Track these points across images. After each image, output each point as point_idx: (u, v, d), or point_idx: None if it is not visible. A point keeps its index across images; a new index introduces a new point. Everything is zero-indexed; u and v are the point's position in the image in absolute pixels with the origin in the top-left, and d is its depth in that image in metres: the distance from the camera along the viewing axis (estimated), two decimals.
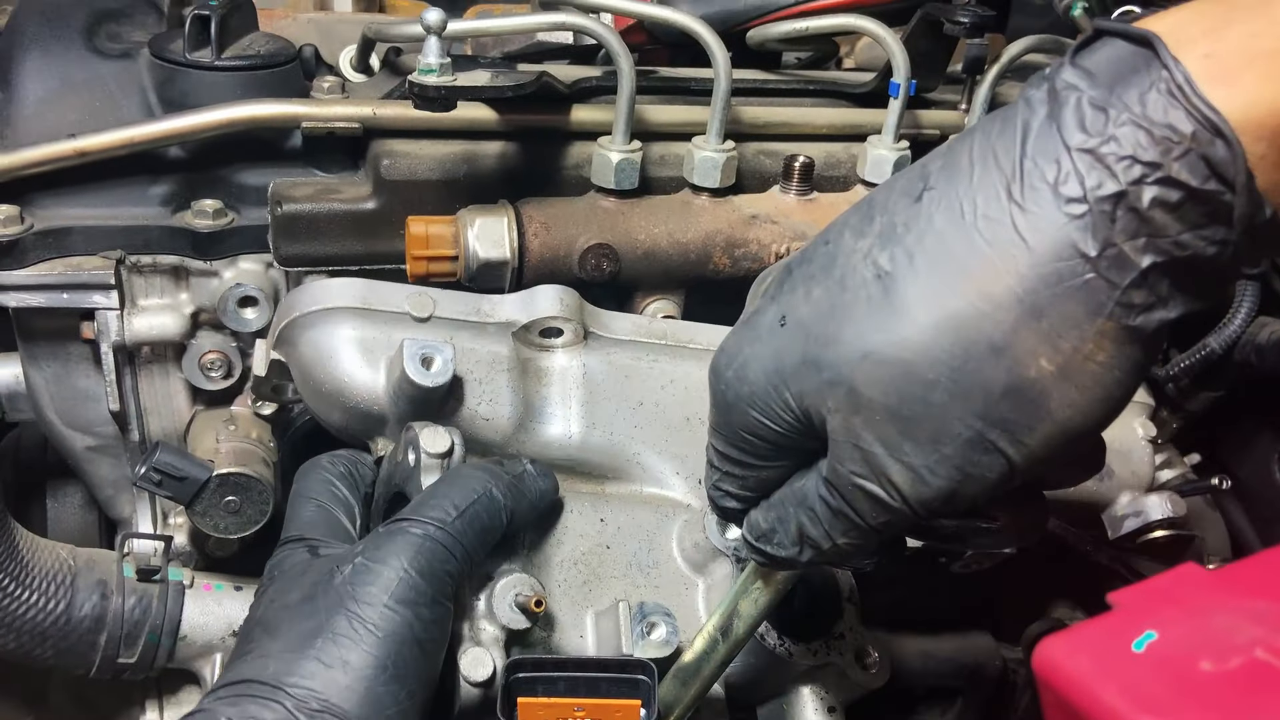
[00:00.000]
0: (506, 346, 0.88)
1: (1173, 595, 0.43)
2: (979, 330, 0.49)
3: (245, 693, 0.64)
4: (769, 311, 0.58)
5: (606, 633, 0.78)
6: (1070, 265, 0.48)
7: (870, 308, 0.52)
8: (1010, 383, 0.49)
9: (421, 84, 0.89)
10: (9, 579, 0.93)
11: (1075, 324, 0.48)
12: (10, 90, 0.96)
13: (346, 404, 0.85)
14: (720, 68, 0.96)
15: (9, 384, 1.04)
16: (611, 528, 0.85)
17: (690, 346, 0.93)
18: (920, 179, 0.53)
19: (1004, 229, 0.49)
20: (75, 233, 0.93)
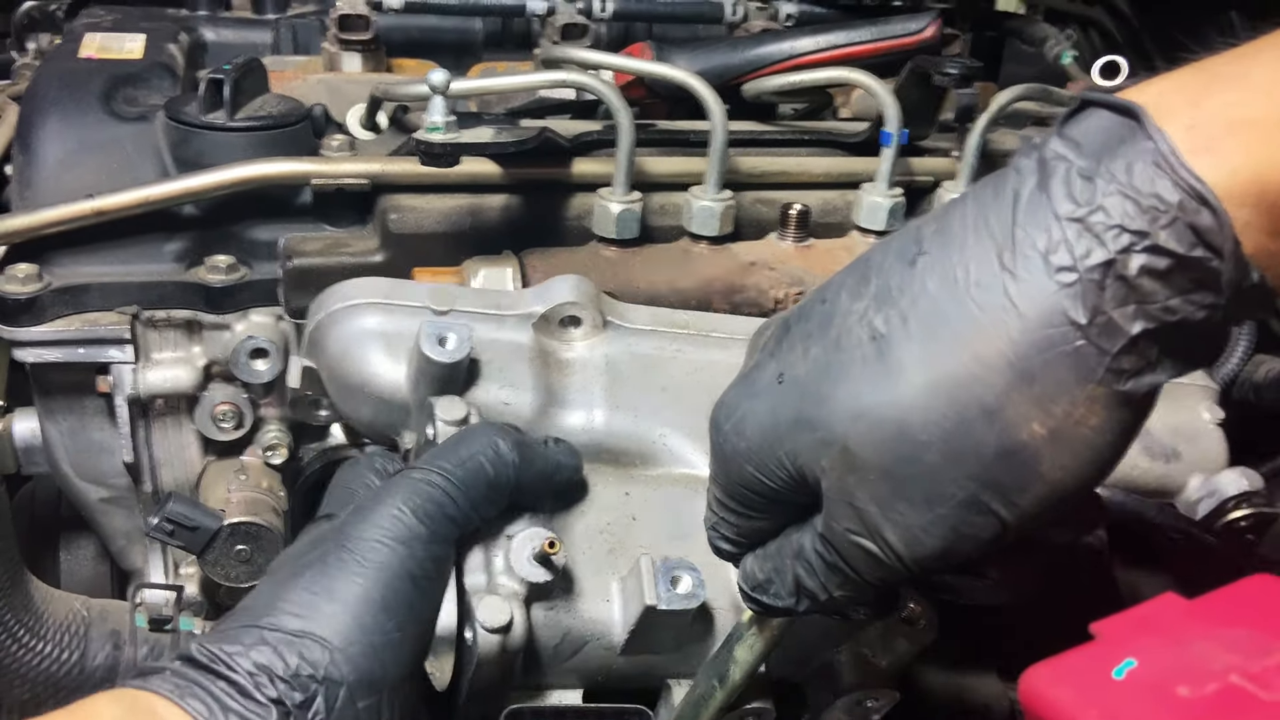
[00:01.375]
0: (527, 337, 0.89)
1: (1152, 624, 0.44)
2: (972, 393, 0.50)
3: (230, 625, 0.63)
4: (768, 368, 0.59)
5: (631, 592, 0.75)
6: (1061, 332, 0.49)
7: (865, 368, 0.53)
8: (1003, 445, 0.50)
9: (427, 141, 0.92)
10: (24, 630, 0.94)
11: (1066, 389, 0.49)
12: (30, 153, 0.99)
13: (372, 395, 0.87)
14: (717, 120, 0.99)
15: (25, 438, 1.06)
16: (638, 500, 0.83)
17: (714, 335, 0.93)
18: (915, 243, 0.54)
19: (996, 295, 0.50)
20: (92, 289, 0.96)
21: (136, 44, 1.15)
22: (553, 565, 0.72)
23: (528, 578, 0.72)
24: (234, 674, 0.59)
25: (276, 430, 1.04)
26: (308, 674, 0.60)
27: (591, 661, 0.76)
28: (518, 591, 0.72)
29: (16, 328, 0.94)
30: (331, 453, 1.10)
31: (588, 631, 0.75)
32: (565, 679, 0.77)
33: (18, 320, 0.94)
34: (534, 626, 0.74)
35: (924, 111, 1.09)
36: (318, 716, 0.59)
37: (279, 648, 0.60)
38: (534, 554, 0.72)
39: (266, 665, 0.59)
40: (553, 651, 0.75)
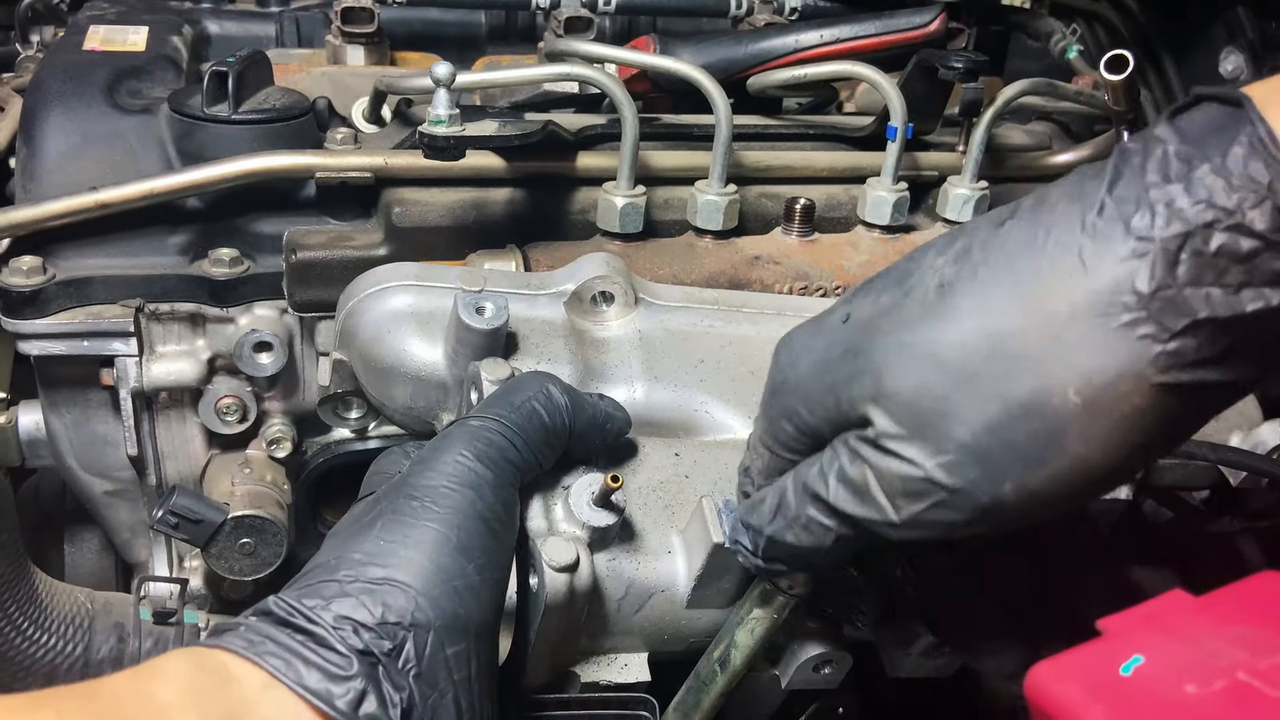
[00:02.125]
0: (559, 314, 0.89)
1: (1159, 621, 0.44)
2: (1014, 344, 0.50)
3: (306, 582, 0.60)
4: (837, 311, 0.61)
5: (694, 537, 0.74)
6: (1123, 300, 0.48)
7: (923, 309, 0.54)
8: (1031, 403, 0.49)
9: (431, 134, 0.92)
10: (28, 623, 0.94)
11: (1115, 362, 0.48)
12: (34, 145, 0.99)
13: (408, 375, 0.86)
14: (721, 114, 0.99)
15: (29, 431, 1.06)
16: (688, 461, 0.81)
17: (744, 310, 0.93)
18: (1011, 210, 0.55)
19: (1069, 255, 0.50)
20: (96, 282, 0.96)
21: (140, 36, 1.15)
22: (615, 506, 0.71)
23: (590, 521, 0.70)
24: (315, 626, 0.56)
25: (280, 424, 1.04)
26: (394, 621, 0.57)
27: (657, 617, 0.74)
28: (580, 536, 0.71)
29: (21, 320, 0.94)
30: (335, 446, 1.10)
31: (652, 583, 0.74)
32: (631, 640, 0.75)
33: (22, 313, 0.93)
34: (598, 578, 0.71)
35: (929, 106, 1.08)
36: (409, 665, 0.57)
37: (361, 597, 0.57)
38: (594, 497, 0.71)
39: (350, 616, 0.57)
40: (617, 606, 0.73)
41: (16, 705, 0.50)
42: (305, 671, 0.54)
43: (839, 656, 0.77)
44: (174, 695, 0.52)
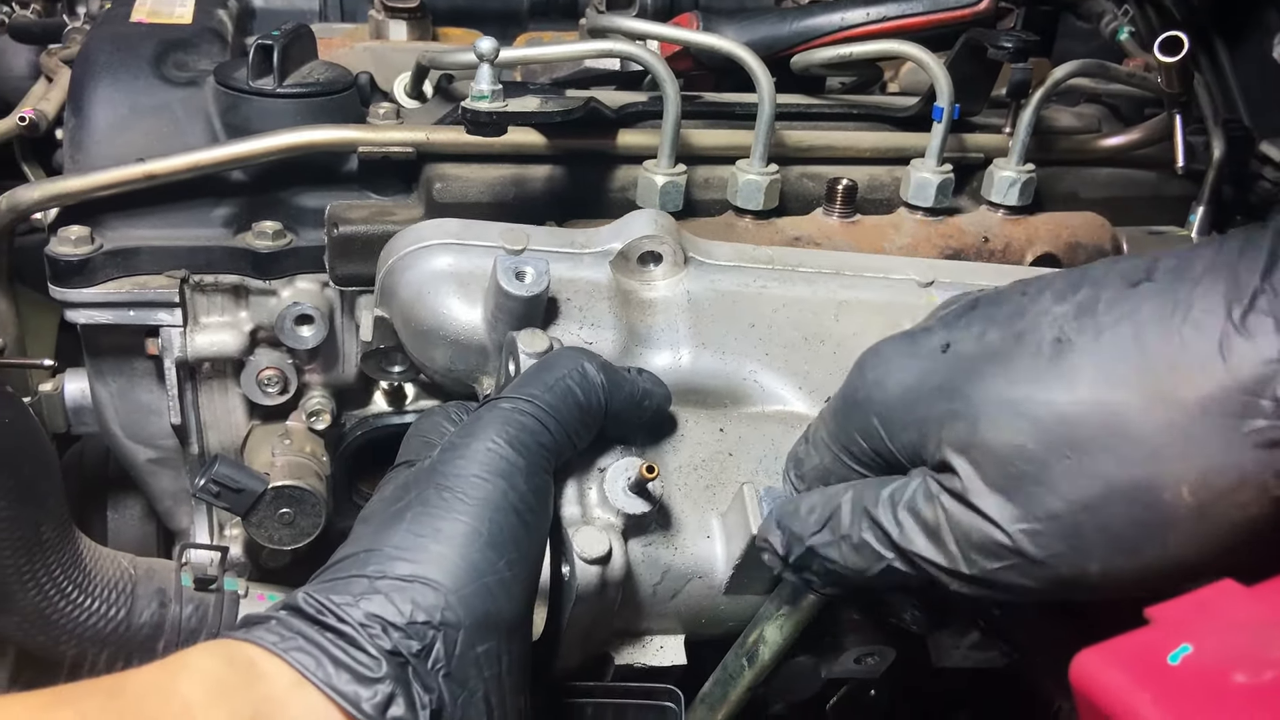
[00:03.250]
0: (605, 275, 0.86)
1: (1209, 610, 0.44)
2: (1134, 425, 0.47)
3: (335, 575, 0.59)
4: (936, 335, 0.58)
5: (734, 525, 0.72)
6: (1262, 404, 0.45)
7: (1034, 363, 0.51)
8: (1137, 491, 0.47)
9: (474, 110, 0.92)
10: (72, 586, 0.96)
11: (1239, 468, 0.45)
12: (82, 116, 1.00)
13: (448, 338, 0.84)
14: (764, 92, 0.98)
15: (75, 398, 1.08)
16: (732, 437, 0.78)
17: (800, 270, 0.90)
18: (1145, 270, 0.51)
19: (1208, 343, 0.46)
20: (142, 253, 0.97)
21: (186, 9, 1.16)
22: (650, 495, 0.69)
23: (624, 509, 0.68)
24: (344, 625, 0.55)
25: (320, 396, 1.06)
26: (423, 620, 0.56)
27: (694, 602, 0.73)
28: (614, 524, 0.69)
29: (68, 289, 0.95)
30: (374, 420, 1.11)
31: (689, 569, 0.72)
32: (667, 623, 0.74)
33: (70, 281, 0.95)
34: (632, 564, 0.70)
35: (977, 86, 1.07)
36: (438, 665, 0.56)
37: (390, 595, 0.56)
38: (629, 484, 0.69)
39: (379, 614, 0.56)
40: (653, 591, 0.72)
41: (37, 704, 0.49)
42: (334, 672, 0.54)
43: (882, 650, 0.75)
44: (200, 693, 0.52)
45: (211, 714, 0.51)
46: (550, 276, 0.79)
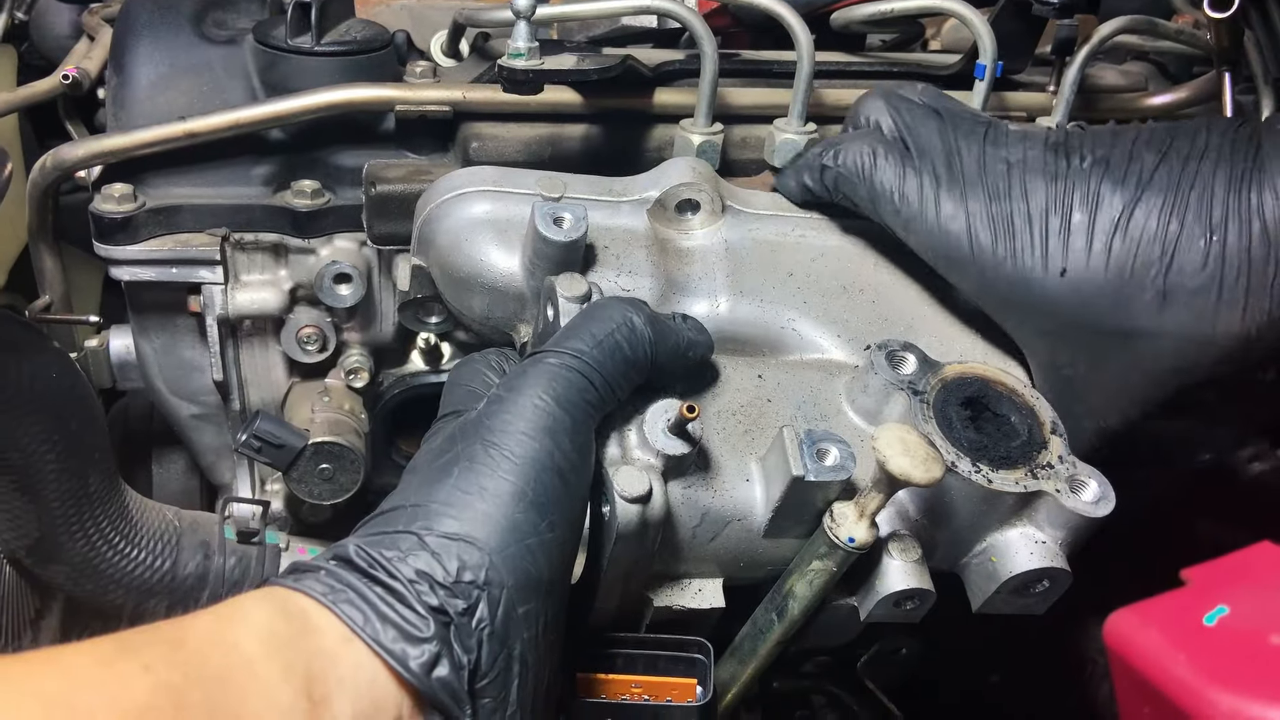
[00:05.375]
0: (642, 223, 0.86)
1: (1246, 572, 0.43)
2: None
3: (381, 528, 0.60)
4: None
5: (774, 467, 0.71)
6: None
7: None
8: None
9: (510, 68, 0.91)
10: (119, 537, 0.99)
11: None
12: (124, 74, 1.01)
13: (485, 285, 0.84)
14: (804, 50, 0.97)
15: (120, 354, 1.10)
16: (771, 383, 0.78)
17: (837, 219, 0.90)
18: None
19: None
20: (184, 210, 0.98)
21: None
22: (690, 436, 0.69)
23: (664, 450, 0.68)
24: (394, 581, 0.56)
25: (358, 354, 1.07)
26: (469, 580, 0.57)
27: (733, 544, 0.73)
28: (654, 465, 0.69)
29: (113, 246, 0.97)
30: (411, 379, 1.12)
31: (728, 512, 0.72)
32: (706, 567, 0.74)
33: (114, 239, 0.96)
34: (672, 505, 0.70)
35: (1021, 43, 1.05)
36: (482, 624, 0.57)
37: (438, 552, 0.58)
38: (669, 424, 0.69)
39: (427, 572, 0.57)
40: (692, 534, 0.72)
41: (103, 654, 0.50)
42: (382, 629, 0.55)
43: (922, 593, 0.75)
44: (257, 645, 0.53)
45: (269, 668, 0.52)
46: (588, 223, 0.79)
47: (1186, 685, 0.39)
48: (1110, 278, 0.71)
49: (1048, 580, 0.74)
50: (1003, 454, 0.73)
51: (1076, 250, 0.72)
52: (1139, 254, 0.71)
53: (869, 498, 0.69)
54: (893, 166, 0.80)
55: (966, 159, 0.78)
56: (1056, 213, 0.73)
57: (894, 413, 0.76)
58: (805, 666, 1.03)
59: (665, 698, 0.75)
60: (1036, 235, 0.73)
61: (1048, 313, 0.74)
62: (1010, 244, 0.74)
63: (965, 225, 0.76)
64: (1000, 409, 0.75)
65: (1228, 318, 0.69)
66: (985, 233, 0.75)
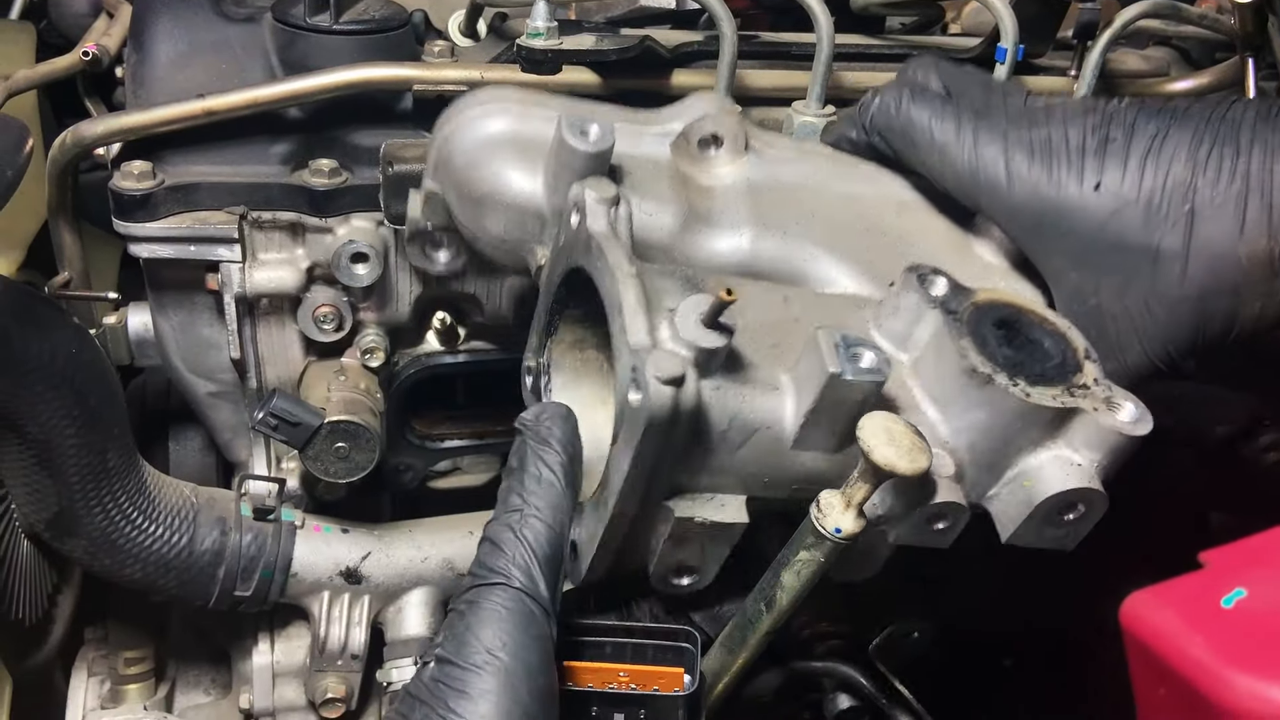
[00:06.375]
0: (665, 154, 0.84)
1: (1264, 555, 0.43)
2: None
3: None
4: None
5: (806, 372, 0.68)
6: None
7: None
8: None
9: (529, 47, 0.91)
10: (137, 513, 0.99)
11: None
12: (144, 51, 1.01)
13: (503, 203, 0.81)
14: (823, 32, 0.96)
15: (138, 331, 1.10)
16: (797, 306, 0.75)
17: (860, 168, 0.88)
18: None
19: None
20: (202, 188, 0.98)
21: None
22: (724, 327, 0.66)
23: (698, 342, 0.65)
24: None
25: (374, 334, 1.07)
26: None
27: (760, 455, 0.70)
28: (686, 357, 0.65)
29: (131, 223, 0.97)
30: (426, 359, 1.13)
31: (757, 418, 0.69)
32: (729, 480, 0.71)
33: (133, 215, 0.97)
34: (703, 402, 0.67)
35: (1042, 27, 1.04)
36: None
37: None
38: (704, 316, 0.65)
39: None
40: (720, 437, 0.69)
41: None
42: None
43: (955, 508, 0.70)
44: None
45: None
46: (614, 135, 0.76)
47: (1203, 667, 0.39)
48: (1143, 194, 0.73)
49: (1083, 505, 0.71)
50: (1039, 372, 0.71)
51: (1111, 168, 0.74)
52: (1170, 173, 0.73)
53: (855, 488, 0.68)
54: (931, 104, 0.82)
55: (1006, 101, 0.81)
56: (1092, 136, 0.76)
57: (924, 334, 0.73)
58: (817, 649, 1.04)
59: (652, 686, 0.75)
60: (1073, 154, 0.76)
61: (1079, 231, 0.75)
62: (1046, 163, 0.76)
63: (1002, 150, 0.78)
64: (1033, 334, 0.73)
65: (1252, 237, 0.71)
66: (1021, 155, 0.77)
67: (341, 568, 1.09)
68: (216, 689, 1.24)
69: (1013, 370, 0.70)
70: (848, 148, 0.90)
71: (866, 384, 0.66)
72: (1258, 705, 0.38)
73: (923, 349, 0.73)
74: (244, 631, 1.16)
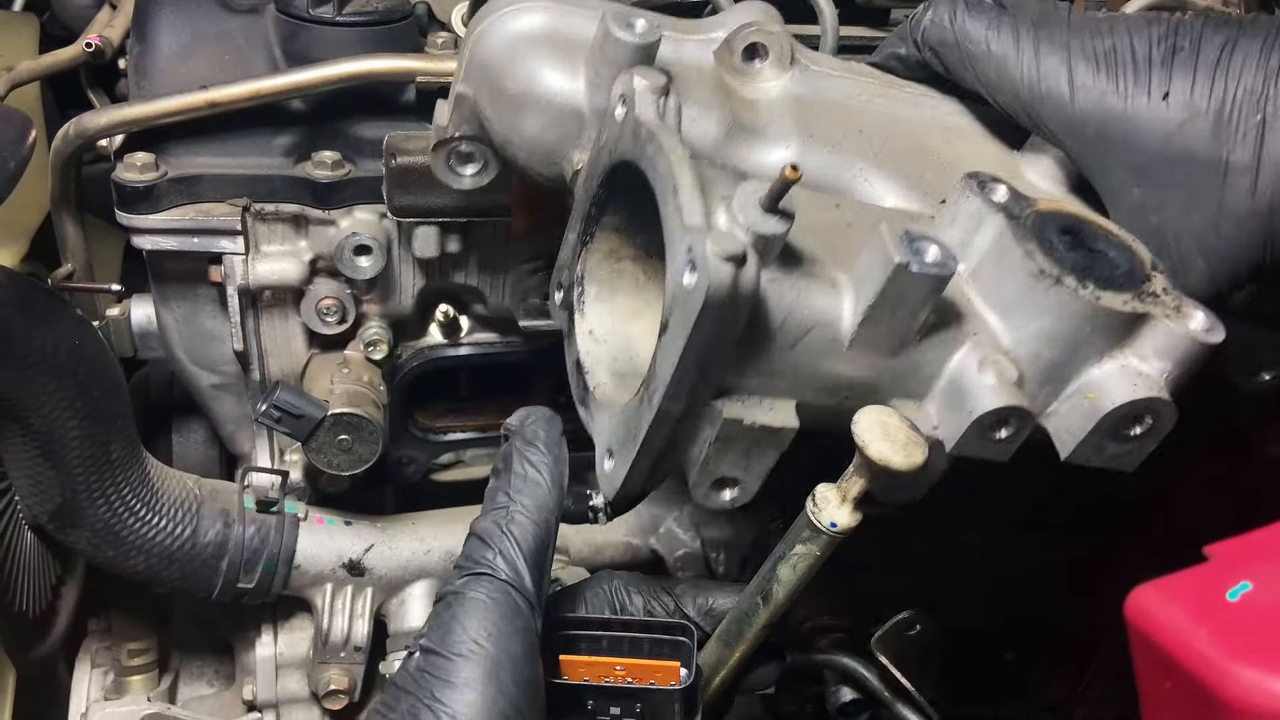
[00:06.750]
0: (709, 60, 0.80)
1: (1270, 548, 0.43)
2: None
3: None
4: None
5: (868, 267, 0.64)
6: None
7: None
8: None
9: None
10: (141, 504, 1.00)
11: None
12: (146, 43, 1.01)
13: (540, 101, 0.78)
14: (828, 24, 0.96)
15: (141, 323, 1.10)
16: (849, 212, 0.72)
17: (905, 91, 0.84)
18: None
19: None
20: (205, 180, 0.98)
21: None
22: (786, 212, 0.61)
23: (757, 228, 0.60)
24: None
25: (377, 326, 1.07)
26: None
27: (814, 354, 0.66)
28: (744, 242, 0.61)
29: (135, 215, 0.97)
30: (429, 351, 1.13)
31: (813, 315, 0.65)
32: (780, 383, 0.67)
33: (136, 207, 0.96)
34: (761, 290, 0.62)
35: None
36: None
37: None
38: (763, 200, 0.61)
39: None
40: (774, 334, 0.65)
41: None
42: None
43: (1020, 413, 0.66)
44: None
45: None
46: (660, 30, 0.73)
47: (1208, 660, 0.39)
48: (1213, 104, 0.70)
49: (1150, 417, 0.66)
50: (1107, 277, 0.67)
51: (1179, 77, 0.70)
52: (1241, 83, 0.69)
53: (850, 483, 0.67)
54: (987, 14, 0.78)
55: (1065, 12, 0.77)
56: (1159, 46, 0.72)
57: (985, 240, 0.69)
58: (819, 641, 1.04)
59: (648, 680, 0.75)
60: (1140, 64, 0.72)
61: (1145, 143, 0.72)
62: (1112, 73, 0.72)
63: (1064, 60, 0.74)
64: (1097, 244, 0.70)
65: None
66: (1085, 65, 0.73)
67: (344, 560, 1.10)
68: (220, 680, 1.24)
69: (1081, 274, 0.66)
70: (896, 66, 0.86)
71: (932, 277, 0.62)
72: (1263, 699, 0.38)
73: (983, 255, 0.69)
74: (247, 623, 1.16)
